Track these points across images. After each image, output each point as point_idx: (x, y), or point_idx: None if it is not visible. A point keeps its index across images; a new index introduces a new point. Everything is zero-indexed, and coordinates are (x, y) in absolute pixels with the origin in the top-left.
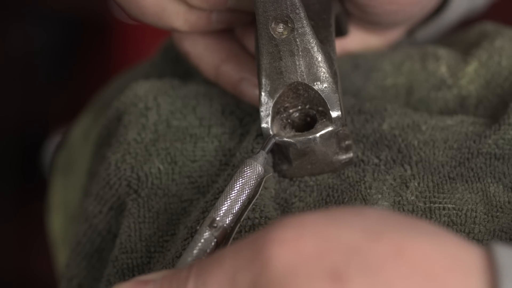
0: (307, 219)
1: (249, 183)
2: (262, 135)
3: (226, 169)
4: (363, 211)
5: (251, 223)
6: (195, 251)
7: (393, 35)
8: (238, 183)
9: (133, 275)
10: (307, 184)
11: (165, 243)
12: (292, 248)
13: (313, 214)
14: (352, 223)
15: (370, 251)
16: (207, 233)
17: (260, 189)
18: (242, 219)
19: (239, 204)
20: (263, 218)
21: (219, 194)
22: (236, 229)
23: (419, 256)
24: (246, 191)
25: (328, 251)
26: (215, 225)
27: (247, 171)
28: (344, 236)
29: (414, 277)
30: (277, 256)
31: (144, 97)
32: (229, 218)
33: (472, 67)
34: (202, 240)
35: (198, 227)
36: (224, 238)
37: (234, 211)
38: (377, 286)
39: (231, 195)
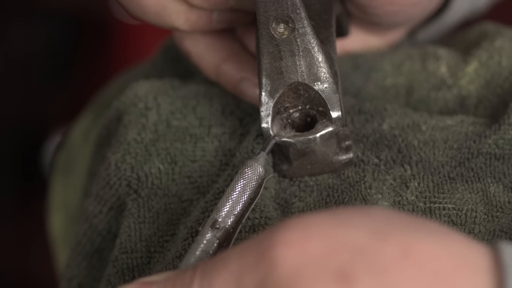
0: (313, 219)
1: (250, 184)
2: (262, 135)
3: (226, 169)
4: (369, 211)
5: (251, 223)
6: (197, 252)
7: (394, 35)
8: (239, 184)
9: (133, 275)
10: (307, 184)
11: (165, 243)
12: (298, 249)
13: (318, 215)
14: (358, 223)
15: (377, 251)
16: (209, 234)
17: (261, 190)
18: (244, 219)
19: (240, 205)
20: (263, 218)
21: (219, 194)
22: (238, 230)
23: (426, 256)
24: (247, 192)
25: (335, 251)
26: (217, 226)
27: (247, 172)
28: (350, 236)
29: (421, 277)
30: (283, 257)
31: (144, 97)
32: (231, 219)
33: (472, 67)
34: (205, 241)
35: (200, 228)
36: (226, 239)
37: (236, 212)
38: (384, 286)
39: (232, 196)
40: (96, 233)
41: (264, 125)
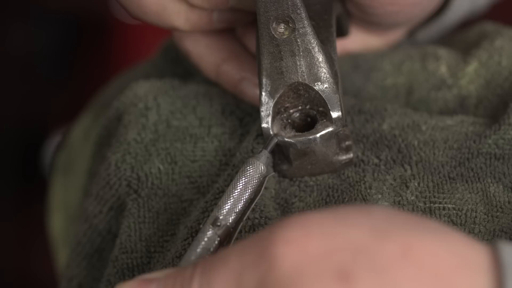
0: (313, 218)
1: (252, 182)
2: (262, 135)
3: (226, 169)
4: (369, 209)
5: (251, 223)
6: (198, 250)
7: (394, 36)
8: (241, 182)
9: (133, 275)
10: (307, 184)
11: (165, 243)
12: (299, 247)
13: (319, 213)
14: (359, 222)
15: (377, 250)
16: (210, 232)
17: (262, 188)
18: (245, 218)
19: (242, 203)
20: (263, 218)
21: (219, 194)
22: (239, 228)
23: (426, 255)
24: (249, 190)
25: (335, 250)
26: (218, 223)
27: (249, 170)
28: (351, 235)
29: (421, 276)
30: (283, 256)
31: (144, 97)
32: (232, 217)
33: (472, 67)
34: (206, 239)
35: (201, 226)
36: (227, 237)
37: (237, 210)
38: (384, 285)
39: (234, 194)
40: (96, 233)
41: (264, 125)
